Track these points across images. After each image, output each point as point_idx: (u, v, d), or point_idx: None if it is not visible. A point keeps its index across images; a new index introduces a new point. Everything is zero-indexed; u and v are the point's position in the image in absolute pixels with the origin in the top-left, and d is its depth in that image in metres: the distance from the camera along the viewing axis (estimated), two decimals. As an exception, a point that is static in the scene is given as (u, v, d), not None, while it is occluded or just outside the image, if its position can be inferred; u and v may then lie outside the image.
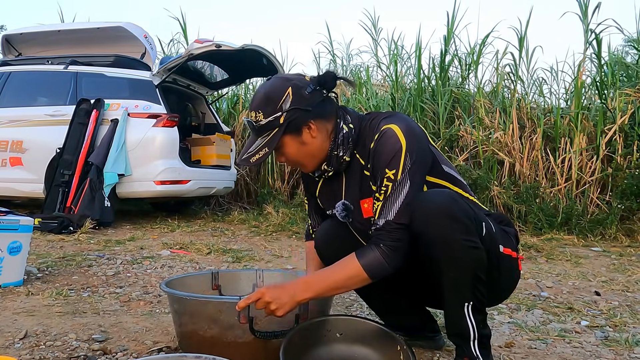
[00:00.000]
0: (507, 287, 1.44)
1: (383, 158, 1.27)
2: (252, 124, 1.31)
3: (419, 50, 6.08)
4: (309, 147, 1.34)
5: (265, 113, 1.29)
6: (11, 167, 4.90)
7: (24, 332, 1.65)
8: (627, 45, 7.07)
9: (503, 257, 1.33)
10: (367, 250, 1.25)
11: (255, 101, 1.32)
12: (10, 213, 2.41)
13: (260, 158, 1.30)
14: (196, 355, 1.14)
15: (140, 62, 5.36)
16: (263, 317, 1.30)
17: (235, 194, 6.56)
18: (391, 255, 1.23)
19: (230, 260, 3.17)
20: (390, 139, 1.27)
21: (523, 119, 5.40)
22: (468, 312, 1.24)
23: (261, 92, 1.33)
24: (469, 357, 1.27)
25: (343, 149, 1.35)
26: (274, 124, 1.29)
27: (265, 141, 1.30)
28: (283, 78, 1.34)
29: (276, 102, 1.29)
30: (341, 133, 1.35)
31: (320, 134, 1.34)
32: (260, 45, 4.87)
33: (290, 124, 1.29)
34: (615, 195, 4.55)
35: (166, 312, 1.98)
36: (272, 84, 1.33)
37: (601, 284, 2.70)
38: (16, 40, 5.81)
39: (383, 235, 1.24)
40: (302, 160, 1.37)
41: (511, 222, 1.48)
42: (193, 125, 5.91)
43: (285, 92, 1.29)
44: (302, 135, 1.32)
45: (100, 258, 3.07)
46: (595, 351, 1.66)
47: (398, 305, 1.58)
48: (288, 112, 1.29)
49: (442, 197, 1.23)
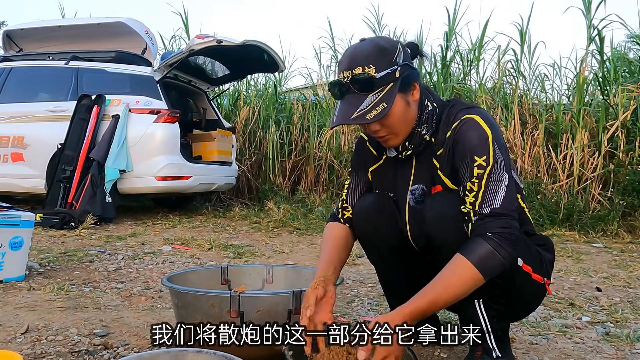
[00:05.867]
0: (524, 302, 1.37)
1: (468, 146, 1.19)
2: (363, 80, 1.19)
3: (420, 46, 6.06)
4: (411, 111, 1.26)
5: (378, 66, 1.18)
6: (12, 162, 4.90)
7: (25, 327, 1.65)
8: (629, 41, 7.04)
9: (518, 270, 1.27)
10: (473, 244, 1.12)
11: (361, 56, 1.20)
12: (11, 208, 2.42)
13: (378, 114, 1.18)
14: (197, 349, 1.14)
15: (141, 57, 5.35)
16: (255, 312, 1.30)
17: (237, 189, 6.56)
18: (503, 244, 1.10)
19: (232, 256, 3.17)
20: (476, 128, 1.20)
21: (525, 115, 5.39)
22: (479, 307, 1.24)
23: (367, 47, 1.22)
24: (484, 348, 1.27)
25: (427, 127, 1.28)
26: (391, 78, 1.19)
27: (380, 96, 1.18)
28: (385, 37, 1.29)
29: (391, 55, 1.20)
30: (426, 110, 1.28)
31: (418, 100, 1.27)
32: (261, 41, 4.86)
33: (403, 79, 1.22)
34: (617, 191, 4.54)
35: (167, 307, 1.98)
36: (379, 39, 1.26)
37: (602, 280, 2.70)
38: (17, 35, 5.81)
39: (490, 223, 1.12)
40: (400, 126, 1.25)
41: (553, 248, 1.41)
42: (194, 121, 5.90)
43: (397, 46, 1.23)
44: (409, 95, 1.24)
45: (102, 253, 3.07)
46: (597, 347, 1.66)
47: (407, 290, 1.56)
48: (402, 67, 1.21)
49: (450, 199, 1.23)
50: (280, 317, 1.33)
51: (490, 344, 1.26)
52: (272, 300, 1.39)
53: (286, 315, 1.34)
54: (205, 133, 5.52)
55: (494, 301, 1.26)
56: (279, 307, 1.36)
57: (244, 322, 1.31)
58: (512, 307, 1.36)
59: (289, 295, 1.36)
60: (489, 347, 1.27)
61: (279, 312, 1.25)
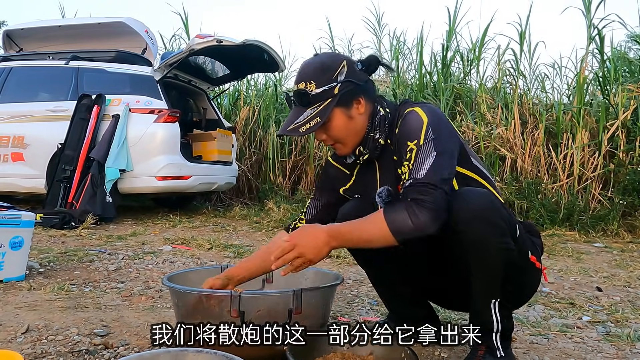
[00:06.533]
0: (527, 293, 1.45)
1: (404, 134, 1.27)
2: (302, 95, 1.29)
3: (420, 46, 6.06)
4: (355, 123, 1.33)
5: (318, 83, 1.28)
6: (13, 162, 4.90)
7: (25, 327, 1.65)
8: (630, 41, 7.03)
9: (529, 264, 1.34)
10: (393, 207, 1.20)
11: (306, 73, 1.31)
12: (12, 208, 2.41)
13: (311, 128, 1.27)
14: (197, 349, 1.14)
15: (141, 57, 5.35)
16: (255, 312, 1.30)
17: (237, 189, 6.56)
18: (417, 212, 1.15)
19: (232, 256, 3.17)
20: (412, 119, 1.27)
21: (525, 115, 5.38)
22: (494, 308, 1.27)
23: (314, 64, 1.32)
24: (487, 346, 1.28)
25: (379, 131, 1.35)
26: (328, 94, 1.29)
27: (316, 111, 1.28)
28: (335, 53, 1.38)
29: (332, 72, 1.29)
30: (378, 115, 1.36)
31: (365, 112, 1.34)
32: (261, 41, 4.86)
33: (342, 95, 1.30)
34: (617, 191, 4.54)
35: (168, 307, 1.98)
36: (326, 56, 1.36)
37: (603, 279, 2.70)
38: (17, 35, 5.80)
39: (410, 190, 1.19)
40: (345, 137, 1.34)
41: (539, 232, 1.49)
42: (194, 120, 5.90)
43: (340, 64, 1.30)
44: (352, 109, 1.32)
45: (102, 253, 3.07)
46: (597, 346, 1.66)
47: (402, 294, 1.59)
48: (343, 84, 1.29)
49: (481, 198, 1.23)
50: (280, 316, 1.33)
51: (496, 343, 1.28)
52: (273, 300, 1.39)
53: (287, 315, 1.34)
54: (205, 133, 5.52)
55: (507, 299, 1.29)
56: (279, 307, 1.36)
57: (244, 322, 1.31)
58: (519, 299, 1.42)
59: (289, 295, 1.36)
60: (494, 347, 1.29)
61: (280, 311, 1.25)
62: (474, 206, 1.20)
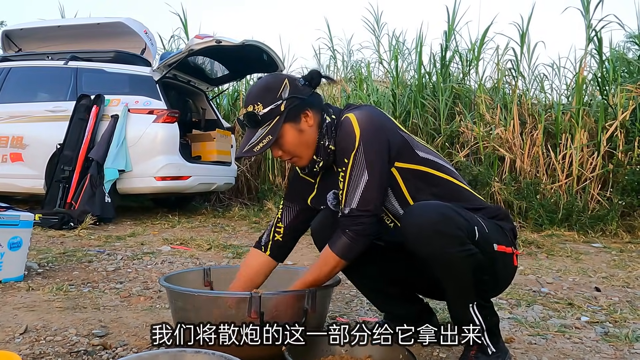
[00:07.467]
0: (502, 283, 1.46)
1: (340, 147, 1.35)
2: (251, 117, 1.35)
3: (419, 46, 6.06)
4: (306, 136, 1.39)
5: (264, 103, 1.34)
6: (11, 162, 4.89)
7: (24, 327, 1.65)
8: (628, 41, 7.04)
9: (497, 255, 1.35)
10: (336, 238, 1.34)
11: (252, 95, 1.38)
12: (10, 209, 2.41)
13: (264, 146, 1.34)
14: (196, 350, 1.14)
15: (140, 57, 5.34)
16: (273, 313, 1.31)
17: (236, 190, 6.55)
18: (357, 239, 1.31)
19: (231, 256, 3.17)
20: (347, 128, 1.33)
21: (524, 115, 5.39)
22: (473, 311, 1.28)
23: (258, 86, 1.39)
24: (478, 347, 1.29)
25: (327, 138, 1.40)
26: (275, 112, 1.34)
27: (267, 130, 1.34)
28: (276, 73, 1.42)
29: (275, 91, 1.35)
30: (325, 123, 1.41)
31: (315, 123, 1.40)
32: (260, 41, 4.86)
33: (290, 111, 1.35)
34: (616, 191, 4.55)
35: (166, 307, 1.98)
36: (268, 77, 1.42)
37: (601, 279, 2.70)
38: (16, 35, 5.79)
39: (348, 221, 1.31)
40: (299, 150, 1.41)
41: (508, 215, 1.49)
42: (193, 121, 5.89)
43: (282, 82, 1.37)
44: (301, 123, 1.38)
45: (101, 254, 3.07)
46: (595, 347, 1.66)
47: (391, 294, 1.62)
48: (287, 100, 1.35)
49: (429, 212, 1.24)
50: (297, 315, 1.34)
51: (485, 341, 1.30)
52: (289, 300, 1.40)
53: (302, 314, 1.35)
54: (204, 133, 5.52)
55: (483, 297, 1.31)
56: (295, 307, 1.37)
57: (264, 323, 1.31)
58: (497, 289, 1.45)
59: (304, 295, 1.37)
60: (484, 344, 1.30)
61: (296, 311, 1.26)
62: (422, 221, 1.23)
